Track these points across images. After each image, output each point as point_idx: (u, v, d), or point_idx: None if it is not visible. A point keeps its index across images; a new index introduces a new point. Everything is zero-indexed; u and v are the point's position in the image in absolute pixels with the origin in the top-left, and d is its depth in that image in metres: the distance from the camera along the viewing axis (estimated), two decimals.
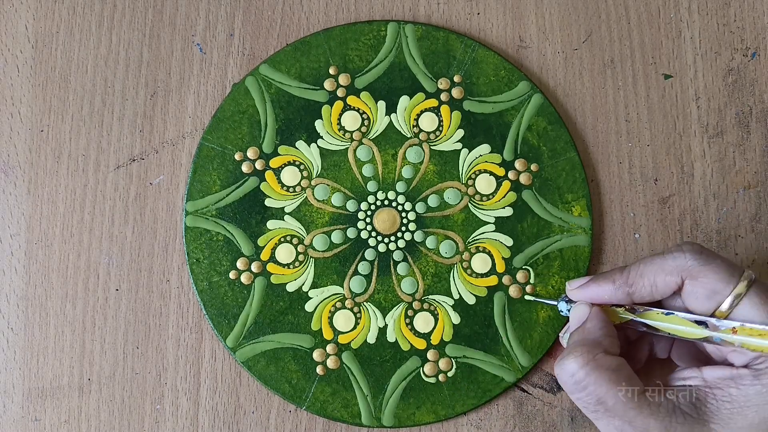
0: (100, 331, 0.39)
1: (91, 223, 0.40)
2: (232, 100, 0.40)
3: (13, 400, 0.39)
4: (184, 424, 0.39)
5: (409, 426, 0.38)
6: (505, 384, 0.38)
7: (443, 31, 0.41)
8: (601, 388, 0.30)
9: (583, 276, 0.39)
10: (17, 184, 0.40)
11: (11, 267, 0.40)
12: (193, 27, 0.41)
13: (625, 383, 0.30)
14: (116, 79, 0.41)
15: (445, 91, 0.40)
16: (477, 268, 0.39)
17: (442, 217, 0.40)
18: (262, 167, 0.40)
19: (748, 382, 0.29)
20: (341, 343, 0.39)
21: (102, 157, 0.40)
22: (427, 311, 0.39)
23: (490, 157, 0.40)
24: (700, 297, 0.30)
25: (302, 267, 0.39)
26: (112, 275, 0.40)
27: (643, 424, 0.29)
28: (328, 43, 0.41)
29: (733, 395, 0.29)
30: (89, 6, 0.41)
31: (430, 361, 0.39)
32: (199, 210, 0.40)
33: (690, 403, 0.29)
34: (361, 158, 0.40)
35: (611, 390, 0.29)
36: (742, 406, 0.29)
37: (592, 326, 0.32)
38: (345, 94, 0.40)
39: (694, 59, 0.41)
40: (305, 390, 0.38)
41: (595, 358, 0.30)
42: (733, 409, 0.29)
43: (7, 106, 0.41)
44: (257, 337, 0.39)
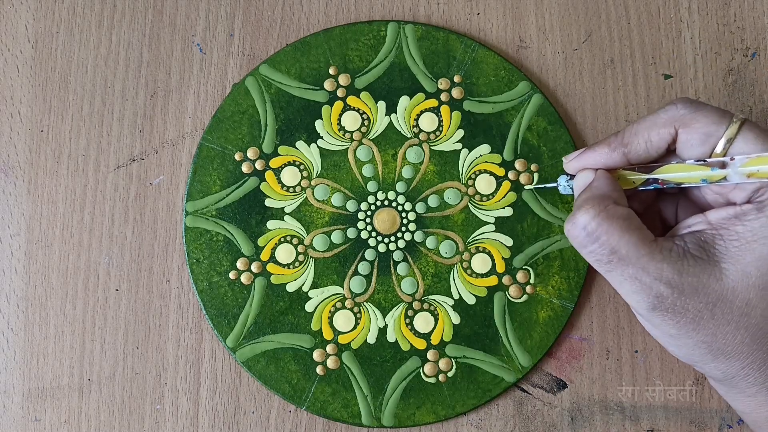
0: (100, 331, 0.39)
1: (91, 224, 0.40)
2: (232, 100, 0.40)
3: (13, 400, 0.39)
4: (184, 424, 0.39)
5: (409, 426, 0.38)
6: (505, 384, 0.39)
7: (443, 31, 0.41)
8: (613, 237, 0.30)
9: (582, 276, 0.39)
10: (17, 184, 0.40)
11: (11, 267, 0.40)
12: (193, 27, 0.41)
13: (636, 231, 0.30)
14: (116, 79, 0.41)
15: (445, 91, 0.40)
16: (477, 268, 0.39)
17: (442, 218, 0.40)
18: (262, 167, 0.40)
19: (753, 216, 0.29)
20: (341, 343, 0.39)
21: (102, 157, 0.40)
22: (427, 311, 0.39)
23: (490, 157, 0.40)
24: (695, 143, 0.31)
25: (302, 267, 0.39)
26: (112, 275, 0.40)
27: (657, 269, 0.29)
28: (328, 43, 0.41)
29: (739, 232, 0.29)
30: (89, 6, 0.41)
31: (430, 361, 0.39)
32: (199, 210, 0.40)
33: (699, 246, 0.30)
34: (361, 158, 0.40)
35: (624, 238, 0.30)
36: (749, 241, 0.29)
37: (598, 184, 0.32)
38: (345, 95, 0.40)
39: (694, 59, 0.41)
40: (305, 390, 0.38)
41: (606, 208, 0.30)
42: (741, 246, 0.29)
43: (7, 106, 0.41)
44: (257, 337, 0.39)
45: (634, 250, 0.30)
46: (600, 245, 0.30)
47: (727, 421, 0.39)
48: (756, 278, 0.29)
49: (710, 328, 0.29)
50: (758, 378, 0.30)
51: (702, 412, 0.39)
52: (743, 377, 0.30)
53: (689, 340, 0.30)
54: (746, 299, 0.29)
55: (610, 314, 0.40)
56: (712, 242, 0.30)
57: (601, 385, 0.39)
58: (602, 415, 0.39)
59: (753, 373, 0.30)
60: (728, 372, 0.31)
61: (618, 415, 0.39)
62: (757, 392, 0.31)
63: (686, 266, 0.29)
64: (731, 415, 0.39)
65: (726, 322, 0.29)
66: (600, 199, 0.31)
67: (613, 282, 0.31)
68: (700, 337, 0.30)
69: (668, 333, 0.30)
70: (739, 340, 0.30)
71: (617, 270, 0.30)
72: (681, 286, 0.29)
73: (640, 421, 0.39)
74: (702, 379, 0.39)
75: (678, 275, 0.29)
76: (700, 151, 0.31)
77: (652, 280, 0.29)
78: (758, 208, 0.29)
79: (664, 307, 0.30)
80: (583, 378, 0.39)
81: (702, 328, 0.30)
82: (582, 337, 0.40)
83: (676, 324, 0.30)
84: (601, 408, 0.39)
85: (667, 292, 0.29)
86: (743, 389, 0.31)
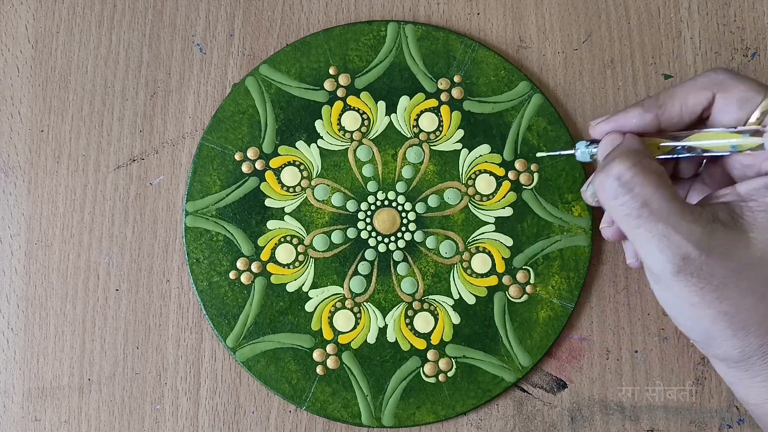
0: (100, 331, 0.39)
1: (91, 223, 0.40)
2: (232, 100, 0.40)
3: (13, 400, 0.39)
4: (184, 424, 0.39)
5: (409, 426, 0.38)
6: (505, 384, 0.39)
7: (443, 31, 0.41)
8: (647, 189, 0.29)
9: (582, 276, 0.39)
10: (17, 184, 0.40)
11: (11, 267, 0.40)
12: (193, 27, 0.41)
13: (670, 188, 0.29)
14: (116, 79, 0.41)
15: (445, 91, 0.40)
16: (477, 268, 0.39)
17: (442, 217, 0.40)
18: (262, 167, 0.40)
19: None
20: (341, 343, 0.39)
21: (102, 157, 0.40)
22: (427, 311, 0.39)
23: (490, 157, 0.40)
24: (732, 107, 0.30)
25: (302, 267, 0.39)
26: (112, 275, 0.40)
27: (687, 229, 0.28)
28: (328, 43, 0.41)
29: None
30: (89, 6, 0.41)
31: (430, 361, 0.39)
32: (199, 210, 0.40)
33: (728, 215, 0.29)
34: (361, 158, 0.40)
35: (658, 191, 0.29)
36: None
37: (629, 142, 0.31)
38: (345, 95, 0.40)
39: (694, 59, 0.41)
40: (305, 390, 0.38)
41: (641, 161, 0.30)
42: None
43: (7, 106, 0.41)
44: (257, 337, 0.39)
45: (667, 206, 0.29)
46: (633, 197, 0.29)
47: (727, 421, 0.39)
48: None
49: (734, 297, 0.29)
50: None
51: (702, 412, 0.39)
52: (761, 356, 0.29)
53: (710, 311, 0.29)
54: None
55: (610, 314, 0.40)
56: (741, 213, 0.29)
57: (601, 385, 0.39)
58: (602, 415, 0.39)
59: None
60: (746, 351, 0.29)
61: (618, 415, 0.39)
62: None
63: (716, 230, 0.29)
64: (731, 415, 0.39)
65: (751, 292, 0.29)
66: (635, 152, 0.30)
67: (639, 240, 0.29)
68: (723, 308, 0.29)
69: (689, 302, 0.29)
70: (762, 312, 0.29)
71: (646, 225, 0.29)
72: (710, 248, 0.28)
73: (640, 421, 0.39)
74: (702, 379, 0.39)
75: (707, 237, 0.28)
76: (737, 116, 0.30)
77: (681, 239, 0.28)
78: None
79: (690, 270, 0.28)
80: (583, 378, 0.39)
81: (725, 298, 0.29)
82: (582, 337, 0.40)
83: (699, 291, 0.29)
84: (601, 408, 0.39)
85: (695, 254, 0.28)
86: (759, 372, 0.30)
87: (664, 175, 0.30)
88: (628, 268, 0.40)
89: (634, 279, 0.40)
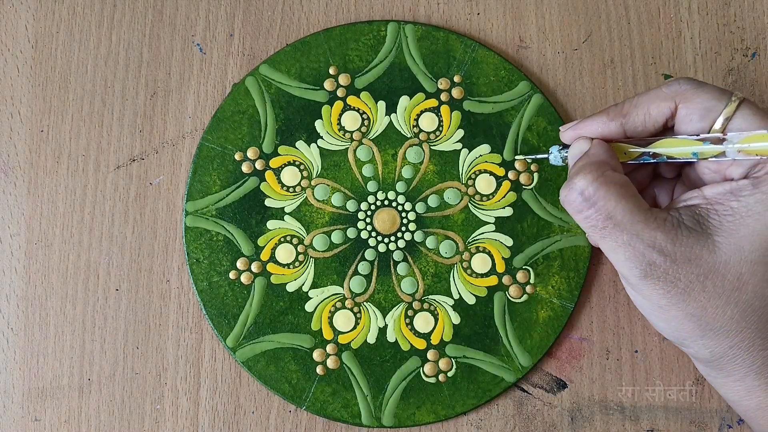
0: (100, 331, 0.39)
1: (91, 223, 0.40)
2: (232, 100, 0.40)
3: (13, 400, 0.39)
4: (184, 424, 0.39)
5: (409, 426, 0.38)
6: (505, 384, 0.39)
7: (443, 31, 0.41)
8: (610, 202, 0.30)
9: (582, 276, 0.39)
10: (17, 184, 0.40)
11: (11, 267, 0.40)
12: (193, 27, 0.41)
13: (632, 198, 0.30)
14: (116, 79, 0.41)
15: (445, 91, 0.40)
16: (477, 268, 0.39)
17: (442, 217, 0.40)
18: (262, 167, 0.40)
19: (748, 192, 0.29)
20: (341, 343, 0.39)
21: (102, 157, 0.40)
22: (427, 311, 0.39)
23: (490, 157, 0.40)
24: (694, 118, 0.31)
25: (302, 267, 0.39)
26: (112, 275, 0.40)
27: (651, 237, 0.29)
28: (328, 43, 0.41)
29: (734, 208, 0.29)
30: (89, 6, 0.41)
31: (430, 361, 0.39)
32: (199, 210, 0.40)
33: (693, 219, 0.30)
34: (361, 158, 0.40)
35: (620, 203, 0.30)
36: (744, 216, 0.29)
37: (596, 151, 0.32)
38: (345, 94, 0.40)
39: (694, 59, 0.41)
40: (305, 390, 0.38)
41: (603, 174, 0.30)
42: (735, 221, 0.29)
43: (7, 106, 0.41)
44: (257, 337, 0.39)
45: (630, 217, 0.30)
46: (596, 210, 0.30)
47: (727, 421, 0.39)
48: (749, 253, 0.29)
49: (701, 300, 0.29)
50: (746, 360, 0.30)
51: (702, 412, 0.39)
52: (731, 358, 0.30)
53: (678, 312, 0.30)
54: (738, 273, 0.29)
55: (610, 314, 0.40)
56: (707, 216, 0.30)
57: (601, 385, 0.39)
58: (602, 415, 0.39)
59: (741, 354, 0.30)
60: (716, 351, 0.30)
61: (618, 415, 0.39)
62: (745, 375, 0.31)
63: (680, 236, 0.29)
64: (731, 415, 0.39)
65: (717, 295, 0.29)
66: (598, 164, 0.31)
67: (606, 249, 0.31)
68: (689, 310, 0.30)
69: (658, 304, 0.30)
70: (729, 315, 0.29)
71: (611, 236, 0.30)
72: (674, 255, 0.29)
73: (640, 421, 0.39)
74: (702, 379, 0.39)
75: (671, 244, 0.29)
76: (699, 126, 0.31)
77: (645, 247, 0.29)
78: (754, 183, 0.29)
79: (656, 275, 0.29)
80: (583, 378, 0.39)
81: (692, 300, 0.29)
82: (582, 337, 0.40)
83: (666, 294, 0.30)
84: (601, 408, 0.39)
85: (659, 260, 0.29)
86: (731, 372, 0.31)
87: (627, 185, 0.31)
88: None
89: None
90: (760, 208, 0.29)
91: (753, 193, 0.29)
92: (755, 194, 0.29)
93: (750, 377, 0.30)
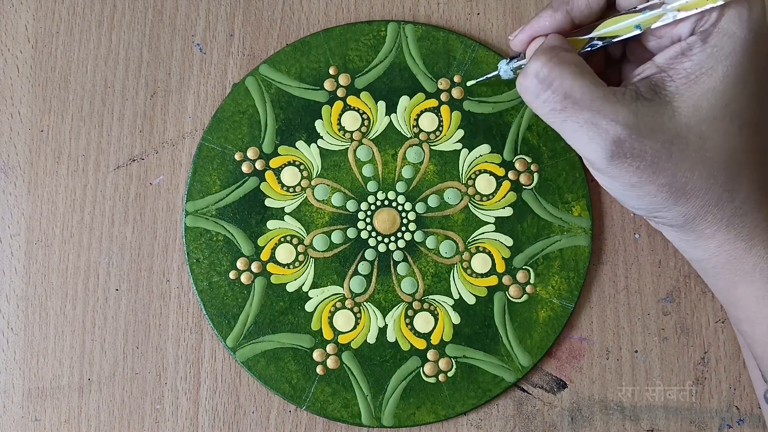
0: (100, 331, 0.39)
1: (91, 223, 0.40)
2: (232, 100, 0.40)
3: (13, 400, 0.39)
4: (184, 424, 0.39)
5: (409, 426, 0.38)
6: (505, 384, 0.39)
7: (443, 31, 0.41)
8: (566, 80, 0.29)
9: (582, 276, 0.39)
10: (17, 184, 0.40)
11: (11, 267, 0.40)
12: (193, 27, 0.41)
13: (588, 76, 0.30)
14: (116, 79, 0.41)
15: (445, 91, 0.40)
16: (477, 268, 0.39)
17: (442, 217, 0.40)
18: (262, 167, 0.40)
19: (698, 49, 0.29)
20: (341, 343, 0.39)
21: (102, 157, 0.40)
22: (427, 311, 0.39)
23: (490, 157, 0.40)
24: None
25: (302, 267, 0.39)
26: (112, 275, 0.40)
27: (612, 112, 0.29)
28: (328, 43, 0.41)
29: (687, 69, 0.29)
30: (89, 6, 0.41)
31: (430, 361, 0.39)
32: (199, 210, 0.40)
33: (650, 89, 0.30)
34: (361, 158, 0.40)
35: (577, 81, 0.29)
36: (697, 76, 0.29)
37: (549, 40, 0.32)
38: (345, 94, 0.40)
39: None
40: (305, 390, 0.38)
41: (558, 55, 0.30)
42: (690, 82, 0.29)
43: (7, 106, 0.41)
44: (257, 337, 0.39)
45: (588, 94, 0.29)
46: (553, 91, 0.30)
47: (727, 421, 0.39)
48: (707, 110, 0.29)
49: (669, 168, 0.30)
50: (716, 215, 0.31)
51: (702, 412, 0.39)
52: (703, 217, 0.31)
53: (651, 187, 0.30)
54: (699, 132, 0.29)
55: (610, 314, 0.40)
56: (663, 84, 0.30)
57: (601, 385, 0.39)
58: (602, 415, 0.39)
59: (712, 210, 0.30)
60: (689, 214, 0.31)
61: (618, 415, 0.39)
62: (716, 231, 0.31)
63: (640, 107, 0.29)
64: (731, 415, 0.39)
65: (683, 159, 0.30)
66: (550, 48, 0.31)
67: (569, 133, 0.30)
68: (661, 181, 0.30)
69: (629, 183, 0.30)
70: (698, 175, 0.30)
71: (572, 117, 0.30)
72: (638, 127, 0.29)
73: (640, 421, 0.39)
74: (702, 379, 0.39)
75: (633, 116, 0.29)
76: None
77: (608, 122, 0.29)
78: (702, 38, 0.29)
79: (623, 152, 0.29)
80: (583, 378, 0.39)
81: (662, 171, 0.30)
82: (582, 337, 0.40)
83: (636, 170, 0.30)
84: (601, 408, 0.39)
85: (624, 134, 0.29)
86: (702, 231, 0.31)
87: (582, 64, 0.30)
88: (628, 268, 0.40)
89: (634, 279, 0.40)
90: (711, 63, 0.29)
91: (703, 48, 0.29)
92: (705, 49, 0.29)
93: (721, 232, 0.31)
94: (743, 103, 0.29)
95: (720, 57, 0.29)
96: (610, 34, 0.32)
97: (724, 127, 0.29)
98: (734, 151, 0.30)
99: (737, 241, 0.31)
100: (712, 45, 0.29)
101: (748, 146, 0.30)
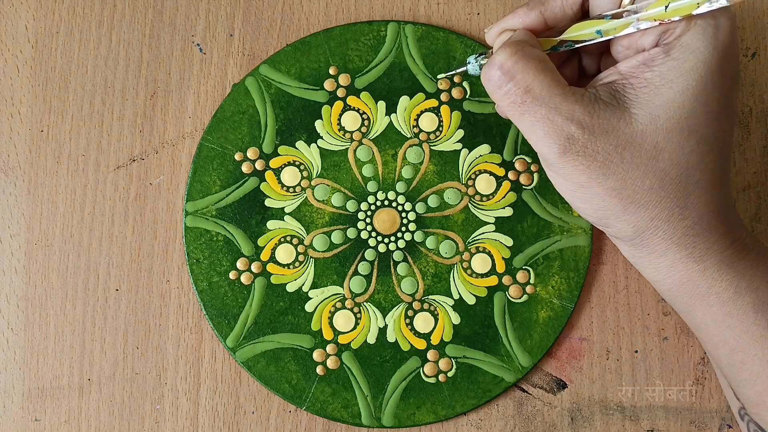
0: (100, 331, 0.39)
1: (91, 223, 0.40)
2: (232, 101, 0.40)
3: (13, 400, 0.39)
4: (184, 424, 0.39)
5: (409, 426, 0.38)
6: (505, 384, 0.39)
7: (443, 31, 0.41)
8: (528, 75, 0.30)
9: (582, 276, 0.39)
10: (17, 184, 0.40)
11: (11, 267, 0.40)
12: (193, 27, 0.41)
13: (551, 73, 0.30)
14: (116, 79, 0.41)
15: (445, 91, 0.40)
16: (477, 269, 0.39)
17: (442, 218, 0.40)
18: (262, 167, 0.40)
19: (660, 61, 0.30)
20: (341, 344, 0.39)
21: (102, 158, 0.40)
22: (427, 311, 0.39)
23: (490, 157, 0.40)
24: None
25: (302, 267, 0.39)
26: (112, 275, 0.40)
27: (569, 110, 0.30)
28: (328, 43, 0.41)
29: (648, 79, 0.30)
30: (89, 6, 0.41)
31: (430, 361, 0.39)
32: (199, 210, 0.40)
33: (610, 95, 0.30)
34: (361, 158, 0.40)
35: (539, 77, 0.30)
36: (658, 86, 0.29)
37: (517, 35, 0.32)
38: (345, 95, 0.40)
39: None
40: (305, 390, 0.38)
41: (523, 49, 0.30)
42: (650, 92, 0.30)
43: (7, 106, 0.41)
44: (257, 338, 0.39)
45: (548, 90, 0.30)
46: (515, 84, 0.30)
47: (727, 421, 0.39)
48: (664, 121, 0.29)
49: (620, 173, 0.30)
50: (667, 231, 0.30)
51: (702, 412, 0.39)
52: (653, 231, 0.31)
53: (600, 188, 0.30)
54: (654, 142, 0.29)
55: (610, 314, 0.40)
56: (623, 91, 0.30)
57: (601, 385, 0.39)
58: (602, 415, 0.39)
59: (662, 225, 0.30)
60: (638, 225, 0.31)
61: (618, 415, 0.39)
62: (667, 249, 0.31)
63: (597, 110, 0.30)
64: (731, 415, 0.39)
65: (635, 165, 0.30)
66: (517, 42, 0.31)
67: (525, 127, 0.31)
68: (610, 183, 0.30)
69: (578, 182, 0.30)
70: (648, 185, 0.30)
71: (530, 111, 0.30)
72: (592, 127, 0.29)
73: (640, 421, 0.39)
74: (702, 379, 0.39)
75: (589, 116, 0.29)
76: (610, 4, 0.31)
77: (563, 120, 0.30)
78: (665, 50, 0.30)
79: (575, 150, 0.30)
80: (583, 378, 0.39)
81: (612, 173, 0.30)
82: (582, 337, 0.40)
83: (586, 169, 0.30)
84: (601, 408, 0.39)
85: (578, 133, 0.29)
86: (653, 248, 0.31)
87: (546, 61, 0.31)
88: (628, 268, 0.40)
89: (634, 279, 0.40)
90: (672, 75, 0.29)
91: (665, 60, 0.29)
92: (667, 62, 0.29)
93: (672, 250, 0.31)
94: (702, 120, 0.30)
95: (681, 71, 0.29)
96: (574, 38, 0.32)
97: (680, 141, 0.29)
98: (688, 167, 0.30)
99: (689, 261, 0.31)
100: (674, 58, 0.29)
101: (703, 164, 0.30)
